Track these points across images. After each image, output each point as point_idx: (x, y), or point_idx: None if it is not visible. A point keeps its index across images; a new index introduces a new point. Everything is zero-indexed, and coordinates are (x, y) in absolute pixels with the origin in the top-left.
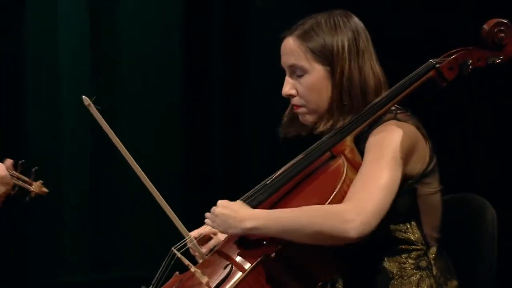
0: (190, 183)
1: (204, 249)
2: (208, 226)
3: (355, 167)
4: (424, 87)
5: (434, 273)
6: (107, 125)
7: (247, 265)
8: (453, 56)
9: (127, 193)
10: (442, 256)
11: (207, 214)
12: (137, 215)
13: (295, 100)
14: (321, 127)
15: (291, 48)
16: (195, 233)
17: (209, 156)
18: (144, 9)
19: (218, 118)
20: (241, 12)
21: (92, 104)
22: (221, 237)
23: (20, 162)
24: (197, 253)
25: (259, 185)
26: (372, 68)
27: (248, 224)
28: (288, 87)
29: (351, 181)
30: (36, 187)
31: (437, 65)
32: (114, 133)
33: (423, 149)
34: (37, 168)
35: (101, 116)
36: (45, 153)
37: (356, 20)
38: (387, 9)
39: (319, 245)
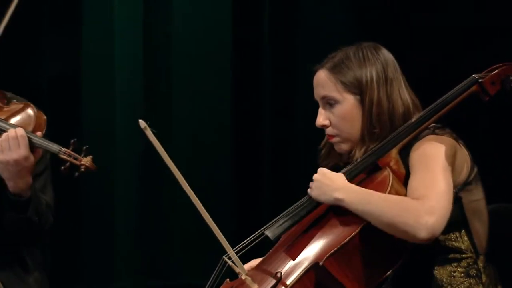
0: (239, 195)
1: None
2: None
3: (400, 178)
4: (467, 101)
5: (483, 280)
6: (162, 148)
7: (296, 272)
8: (495, 71)
9: (181, 207)
10: (489, 264)
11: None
12: (191, 224)
13: (329, 131)
14: (356, 155)
15: (322, 81)
16: (247, 266)
17: (258, 169)
18: (195, 29)
19: (267, 133)
20: (290, 20)
21: (148, 128)
22: None
23: (72, 140)
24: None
25: None
26: (400, 95)
27: (339, 194)
28: (322, 118)
29: (397, 192)
30: (85, 161)
31: (479, 80)
32: (166, 143)
33: (463, 159)
34: (88, 146)
35: (156, 139)
36: (98, 153)
37: (384, 51)
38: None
39: (372, 255)
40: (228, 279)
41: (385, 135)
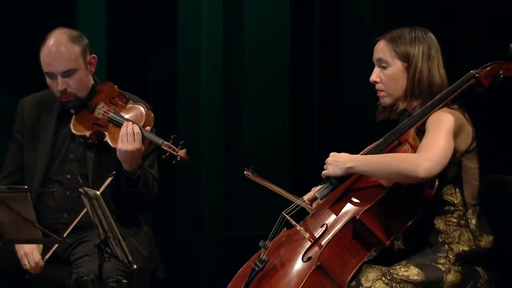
0: (295, 170)
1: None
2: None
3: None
4: (467, 91)
5: (471, 228)
6: (268, 183)
7: (339, 225)
8: (488, 68)
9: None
10: (478, 217)
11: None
12: (259, 188)
13: (378, 86)
14: (400, 107)
15: (381, 47)
16: (308, 196)
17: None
18: (262, 47)
19: (317, 130)
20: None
21: (250, 174)
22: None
23: (172, 136)
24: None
25: None
26: (439, 70)
27: (349, 164)
28: (374, 76)
29: None
30: (181, 153)
31: (476, 75)
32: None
33: (468, 131)
34: (183, 141)
35: (260, 179)
36: (189, 140)
37: (431, 35)
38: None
39: (398, 210)
40: (285, 228)
41: (424, 96)
